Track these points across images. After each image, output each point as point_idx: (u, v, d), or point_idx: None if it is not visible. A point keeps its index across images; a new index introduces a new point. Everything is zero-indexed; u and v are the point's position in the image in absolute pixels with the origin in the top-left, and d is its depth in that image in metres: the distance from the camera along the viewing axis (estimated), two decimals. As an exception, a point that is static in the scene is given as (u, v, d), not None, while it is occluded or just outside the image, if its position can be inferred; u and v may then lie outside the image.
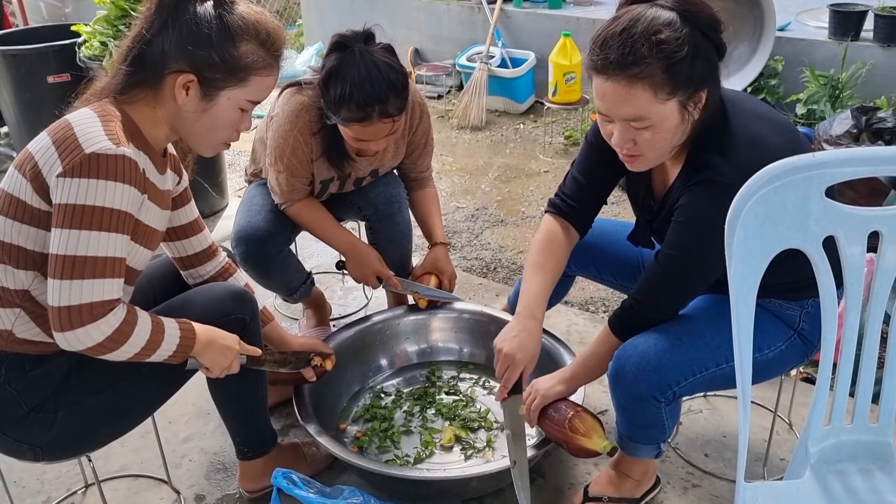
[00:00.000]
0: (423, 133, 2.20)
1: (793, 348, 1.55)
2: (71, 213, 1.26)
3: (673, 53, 1.29)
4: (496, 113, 4.94)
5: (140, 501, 1.85)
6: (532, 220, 3.51)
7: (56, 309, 1.27)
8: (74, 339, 1.28)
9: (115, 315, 1.31)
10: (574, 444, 1.63)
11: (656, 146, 1.39)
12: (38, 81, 3.21)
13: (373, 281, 2.17)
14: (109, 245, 1.29)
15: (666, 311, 1.56)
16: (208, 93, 1.40)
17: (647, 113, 1.34)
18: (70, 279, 1.26)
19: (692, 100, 1.35)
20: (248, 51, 1.40)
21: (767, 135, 1.41)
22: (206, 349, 1.48)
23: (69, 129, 1.31)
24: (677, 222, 1.45)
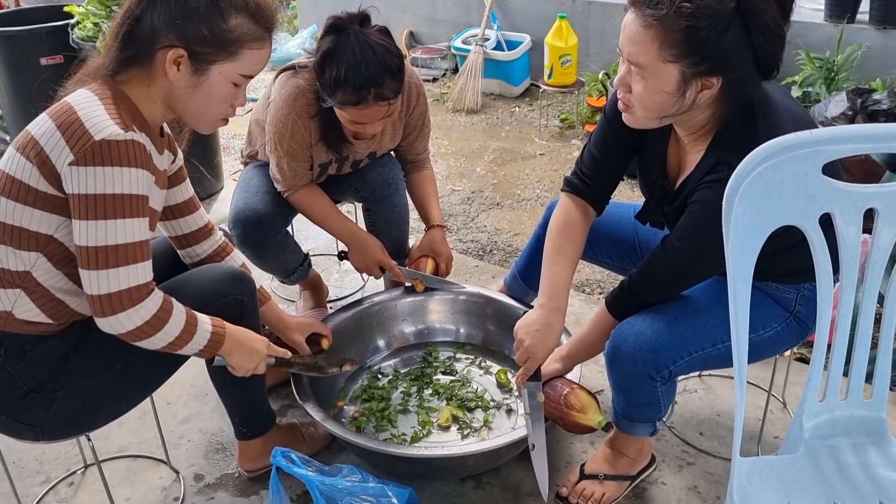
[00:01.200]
0: (419, 115, 2.19)
1: (788, 330, 1.56)
2: (93, 203, 1.28)
3: (700, 19, 1.25)
4: (491, 96, 4.93)
5: (139, 481, 1.86)
6: (528, 203, 3.52)
7: (97, 297, 1.31)
8: (117, 323, 1.33)
9: (153, 300, 1.35)
10: (569, 420, 1.65)
11: (645, 104, 1.38)
12: (31, 63, 3.18)
13: (375, 271, 2.17)
14: (134, 230, 1.33)
15: (664, 296, 1.58)
16: (199, 67, 1.39)
17: (647, 62, 1.32)
18: (105, 269, 1.30)
19: (698, 78, 1.32)
20: (238, 24, 1.39)
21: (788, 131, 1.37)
22: (234, 349, 1.52)
23: (72, 112, 1.30)
24: (691, 217, 1.45)
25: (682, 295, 1.59)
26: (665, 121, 1.43)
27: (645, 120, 1.44)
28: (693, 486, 1.80)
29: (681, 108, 1.37)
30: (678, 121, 1.44)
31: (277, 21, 1.47)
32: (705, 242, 1.41)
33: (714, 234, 1.35)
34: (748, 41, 1.28)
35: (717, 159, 1.40)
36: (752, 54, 1.30)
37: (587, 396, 1.66)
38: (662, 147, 1.57)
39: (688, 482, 1.82)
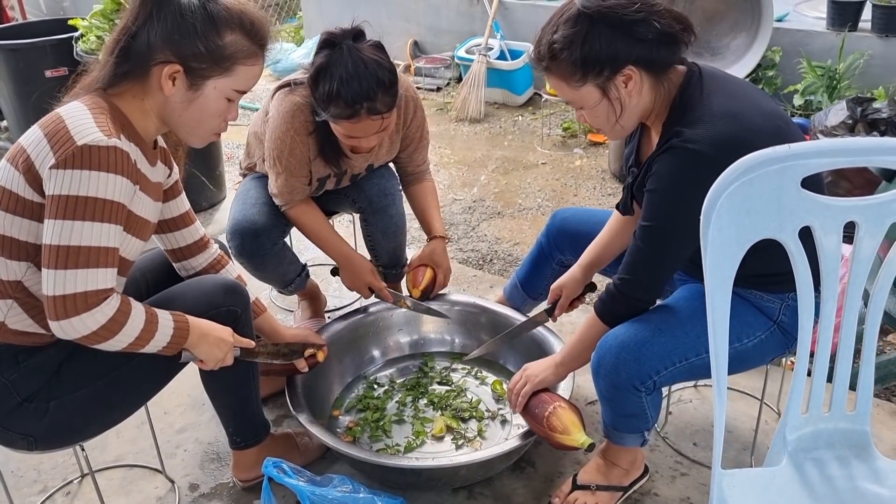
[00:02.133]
0: (417, 127, 2.21)
1: (772, 339, 1.56)
2: (64, 203, 1.28)
3: (567, 46, 1.45)
4: (495, 105, 4.95)
5: (135, 491, 1.88)
6: (529, 212, 3.53)
7: (51, 298, 1.29)
8: (70, 328, 1.30)
9: (110, 304, 1.33)
10: (553, 441, 1.66)
11: (599, 122, 1.54)
12: (36, 75, 3.23)
13: (365, 292, 2.19)
14: (102, 235, 1.31)
15: (648, 288, 1.57)
16: (194, 83, 1.41)
17: (572, 97, 1.52)
18: (64, 269, 1.29)
19: (612, 81, 1.46)
20: (233, 40, 1.42)
21: (747, 113, 1.43)
22: (200, 341, 1.50)
23: (60, 121, 1.33)
24: (647, 191, 1.49)
25: (668, 305, 1.60)
26: (628, 120, 1.53)
27: (613, 132, 1.57)
28: (686, 498, 1.80)
29: (625, 106, 1.49)
30: (636, 113, 1.53)
31: (271, 37, 1.50)
32: (667, 213, 1.46)
33: (674, 201, 1.44)
34: (620, 30, 1.42)
35: (669, 133, 1.47)
36: (632, 36, 1.43)
37: (570, 415, 1.66)
38: (634, 139, 1.68)
39: (681, 493, 1.81)
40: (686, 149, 1.41)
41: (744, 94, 1.50)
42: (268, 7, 6.66)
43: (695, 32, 1.48)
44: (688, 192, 1.41)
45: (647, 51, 1.44)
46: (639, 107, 1.52)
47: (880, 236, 1.13)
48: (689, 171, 1.41)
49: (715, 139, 1.39)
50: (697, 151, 1.39)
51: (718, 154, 1.37)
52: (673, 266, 1.56)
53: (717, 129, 1.40)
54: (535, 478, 1.87)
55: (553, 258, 2.08)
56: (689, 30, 1.47)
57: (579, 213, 2.04)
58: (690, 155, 1.40)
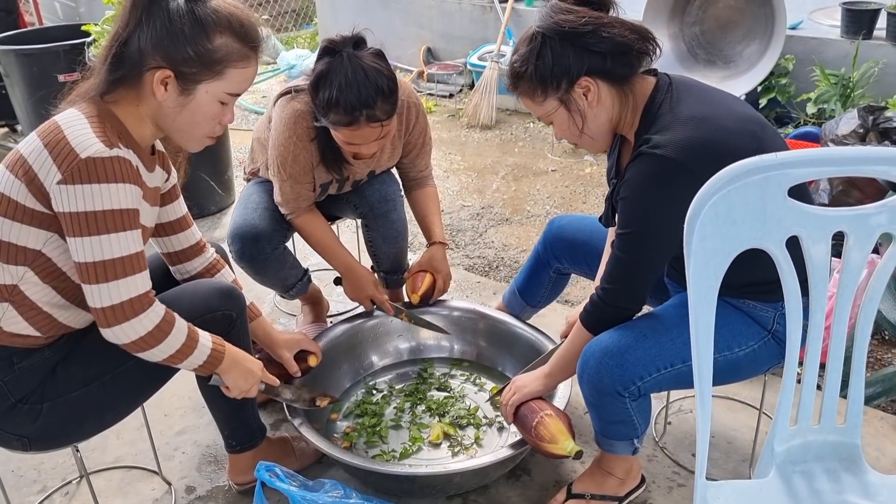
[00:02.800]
0: (419, 133, 2.21)
1: (766, 349, 1.55)
2: (84, 220, 1.32)
3: (523, 64, 1.52)
4: (506, 112, 4.94)
5: (132, 492, 1.89)
6: (537, 219, 3.52)
7: (100, 310, 1.36)
8: (122, 334, 1.38)
9: (155, 310, 1.40)
10: (542, 450, 1.66)
11: (567, 134, 1.59)
12: (49, 80, 3.27)
13: (366, 304, 2.20)
14: (128, 243, 1.37)
15: (631, 296, 1.56)
16: (186, 87, 1.42)
17: (539, 113, 1.58)
18: (105, 282, 1.35)
19: (571, 93, 1.51)
20: (223, 43, 1.42)
21: (716, 117, 1.44)
22: (231, 369, 1.56)
23: (59, 131, 1.34)
24: (620, 199, 1.50)
25: (654, 312, 1.59)
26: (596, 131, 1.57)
27: (585, 143, 1.60)
28: (682, 509, 1.79)
29: (590, 117, 1.54)
30: (602, 123, 1.56)
31: (262, 39, 1.50)
32: (639, 219, 1.47)
33: (645, 207, 1.45)
34: (570, 43, 1.47)
35: (639, 141, 1.49)
36: (583, 48, 1.47)
37: (557, 423, 1.65)
38: (614, 153, 1.70)
39: (677, 504, 1.80)
40: (654, 154, 1.42)
41: (714, 100, 1.51)
42: (284, 14, 6.71)
43: (657, 43, 1.51)
44: (657, 197, 1.43)
45: (600, 62, 1.48)
46: (603, 117, 1.54)
47: (870, 246, 1.11)
48: (656, 176, 1.42)
49: (682, 143, 1.40)
50: (664, 156, 1.40)
51: (685, 158, 1.39)
52: (652, 271, 1.54)
53: (684, 133, 1.41)
54: (531, 486, 1.86)
55: (550, 266, 2.07)
56: (647, 40, 1.50)
57: (575, 221, 2.04)
58: (657, 160, 1.41)
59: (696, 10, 4.25)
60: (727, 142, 1.39)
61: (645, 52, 1.51)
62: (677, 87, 1.52)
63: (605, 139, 1.61)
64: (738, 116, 1.46)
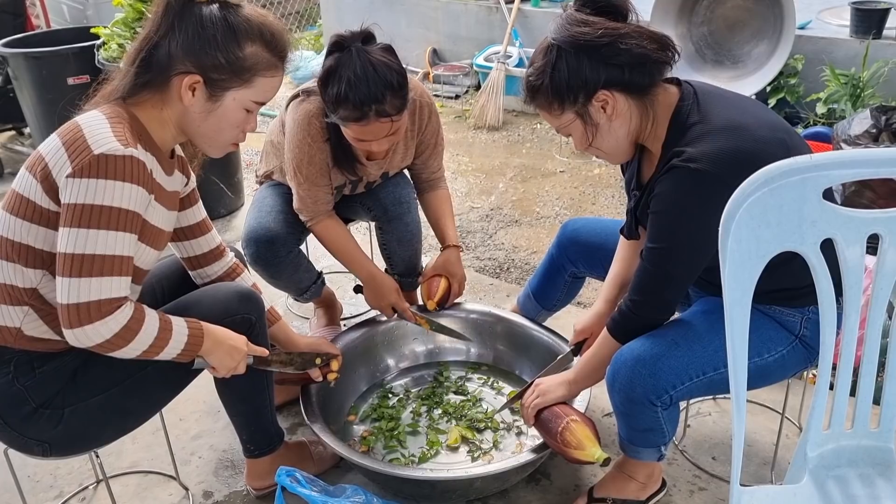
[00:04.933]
0: (432, 133, 2.20)
1: (794, 354, 1.53)
2: (80, 212, 1.29)
3: (539, 77, 1.50)
4: (513, 113, 4.93)
5: (149, 497, 1.88)
6: (546, 221, 3.50)
7: (65, 307, 1.29)
8: (84, 336, 1.30)
9: (123, 312, 1.33)
10: (567, 456, 1.64)
11: (585, 146, 1.56)
12: (58, 83, 3.26)
13: (388, 311, 2.18)
14: (117, 244, 1.32)
15: (660, 309, 1.55)
16: (214, 94, 1.42)
17: (556, 126, 1.56)
18: (79, 277, 1.29)
19: (586, 105, 1.48)
20: (253, 52, 1.42)
21: (750, 125, 1.42)
22: (214, 349, 1.50)
23: (78, 130, 1.34)
24: (652, 213, 1.48)
25: (684, 319, 1.57)
26: (616, 144, 1.54)
27: (604, 154, 1.58)
28: (704, 513, 1.77)
29: (609, 130, 1.51)
30: (623, 136, 1.53)
31: (291, 49, 1.49)
32: (673, 234, 1.45)
33: (679, 222, 1.43)
34: (587, 56, 1.44)
35: (669, 153, 1.45)
36: (600, 61, 1.44)
37: (583, 429, 1.63)
38: (634, 162, 1.66)
39: (699, 508, 1.79)
40: (688, 168, 1.39)
41: (743, 107, 1.48)
42: (288, 15, 6.70)
43: (676, 51, 1.48)
44: (692, 212, 1.40)
45: (618, 74, 1.45)
46: (622, 129, 1.52)
47: (905, 249, 1.10)
48: (692, 190, 1.39)
49: (717, 155, 1.37)
50: (700, 171, 1.37)
51: (721, 171, 1.36)
52: (683, 285, 1.53)
53: (719, 144, 1.38)
54: (551, 490, 1.85)
55: (565, 270, 2.06)
56: (667, 48, 1.47)
57: (590, 224, 2.02)
58: (692, 174, 1.38)
59: (704, 10, 4.23)
60: (761, 152, 1.36)
61: (664, 62, 1.48)
62: (703, 95, 1.50)
63: (624, 151, 1.58)
64: (767, 124, 1.44)
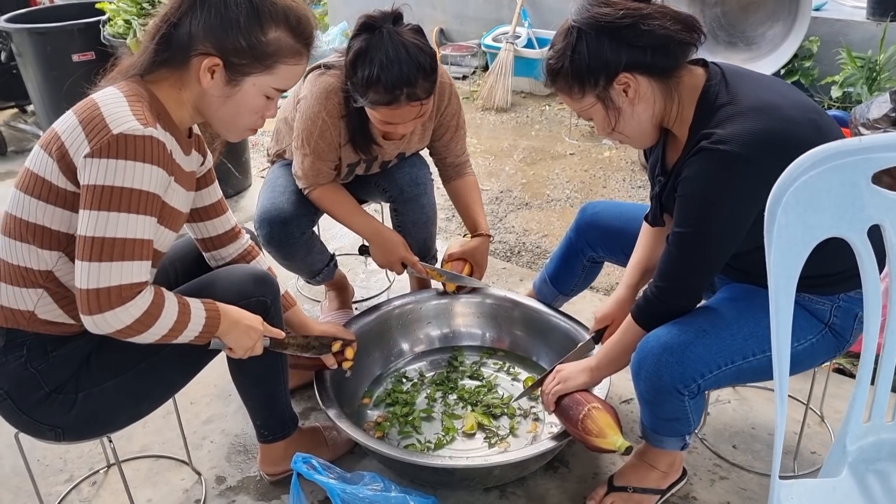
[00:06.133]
0: (452, 114, 2.15)
1: (824, 342, 1.50)
2: (99, 194, 1.24)
3: (559, 59, 1.46)
4: (522, 94, 4.87)
5: (161, 482, 1.85)
6: (557, 204, 3.46)
7: (84, 291, 1.25)
8: (103, 322, 1.27)
9: (143, 297, 1.30)
10: (589, 445, 1.61)
11: (607, 130, 1.52)
12: (63, 59, 3.20)
13: (397, 267, 2.13)
14: (138, 227, 1.28)
15: (687, 295, 1.52)
16: (233, 78, 1.37)
17: (577, 110, 1.53)
18: (99, 261, 1.25)
19: (608, 88, 1.44)
20: (277, 37, 1.37)
21: (780, 104, 1.38)
22: (231, 329, 1.46)
23: (95, 108, 1.29)
24: (679, 197, 1.44)
25: (711, 306, 1.53)
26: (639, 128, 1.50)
27: (630, 140, 1.55)
28: (725, 502, 1.74)
29: (631, 114, 1.47)
30: (646, 120, 1.49)
31: (316, 36, 1.44)
32: (701, 218, 1.41)
33: (708, 206, 1.39)
34: (608, 38, 1.40)
35: (697, 135, 1.41)
36: (622, 42, 1.40)
37: (605, 417, 1.60)
38: (658, 147, 1.61)
39: (720, 497, 1.75)
40: (718, 150, 1.34)
41: (773, 87, 1.44)
42: (292, -7, 6.60)
43: (702, 32, 1.43)
44: (722, 195, 1.36)
45: (640, 56, 1.41)
46: (645, 113, 1.48)
47: (955, 236, 1.06)
48: (721, 173, 1.35)
49: (748, 137, 1.33)
50: (729, 152, 1.33)
51: (752, 153, 1.31)
52: (711, 271, 1.49)
53: (749, 125, 1.34)
54: (569, 478, 1.82)
55: (584, 254, 2.01)
56: (693, 30, 1.42)
57: (610, 207, 1.98)
58: (722, 156, 1.34)
59: (717, -9, 4.17)
60: (793, 132, 1.33)
61: (689, 43, 1.43)
62: (731, 76, 1.45)
63: (648, 135, 1.54)
64: (798, 104, 1.40)
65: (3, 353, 1.38)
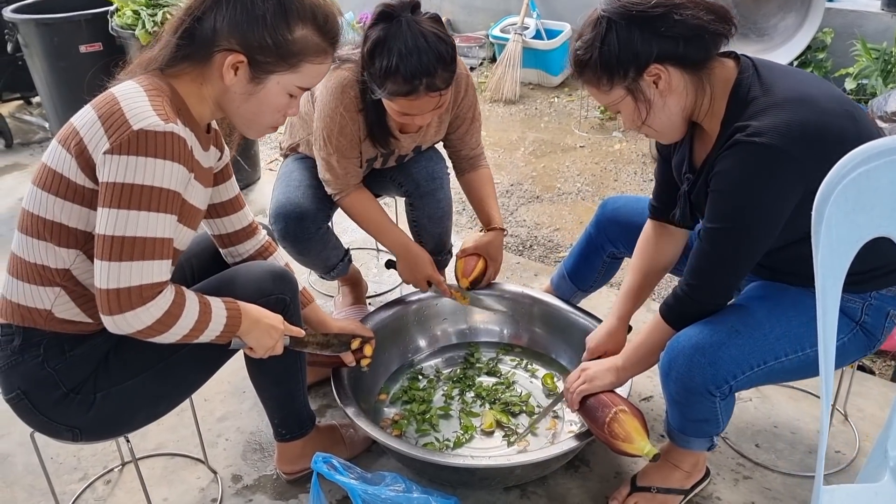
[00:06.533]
0: (468, 107, 2.11)
1: (855, 341, 1.47)
2: (119, 192, 1.21)
3: (588, 50, 1.41)
4: (530, 86, 4.83)
5: (177, 481, 1.83)
6: (568, 197, 3.43)
7: (105, 292, 1.22)
8: (124, 323, 1.24)
9: (165, 297, 1.27)
10: (615, 449, 1.58)
11: (635, 124, 1.48)
12: (70, 51, 3.16)
13: (423, 285, 2.11)
14: (158, 225, 1.25)
15: (718, 294, 1.48)
16: (257, 76, 1.33)
17: (604, 103, 1.48)
18: (119, 261, 1.22)
19: (637, 80, 1.40)
20: (303, 35, 1.33)
21: (816, 96, 1.34)
22: (252, 329, 1.44)
23: (115, 103, 1.25)
24: (713, 192, 1.40)
25: (743, 304, 1.50)
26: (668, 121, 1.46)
27: (660, 134, 1.50)
28: (750, 503, 1.72)
29: (662, 107, 1.43)
30: (677, 113, 1.45)
31: (341, 34, 1.41)
32: (736, 214, 1.37)
33: (743, 201, 1.35)
34: (638, 28, 1.36)
35: (730, 128, 1.37)
36: (653, 33, 1.36)
37: (633, 421, 1.57)
38: (686, 145, 1.57)
39: (744, 498, 1.73)
40: (753, 143, 1.31)
41: (806, 80, 1.40)
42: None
43: (734, 22, 1.39)
44: (758, 190, 1.32)
45: (672, 47, 1.37)
46: (675, 106, 1.44)
47: None
48: (757, 166, 1.31)
49: (784, 128, 1.29)
50: (765, 145, 1.29)
51: (789, 144, 1.28)
52: (744, 269, 1.45)
53: (786, 116, 1.30)
54: (591, 477, 1.80)
55: (604, 250, 1.98)
56: (725, 20, 1.38)
57: (631, 202, 1.94)
58: (758, 149, 1.30)
59: (729, -19, 4.12)
60: (830, 124, 1.30)
61: (722, 34, 1.39)
62: (763, 69, 1.41)
63: (677, 129, 1.50)
64: (833, 96, 1.37)
65: (19, 353, 1.36)
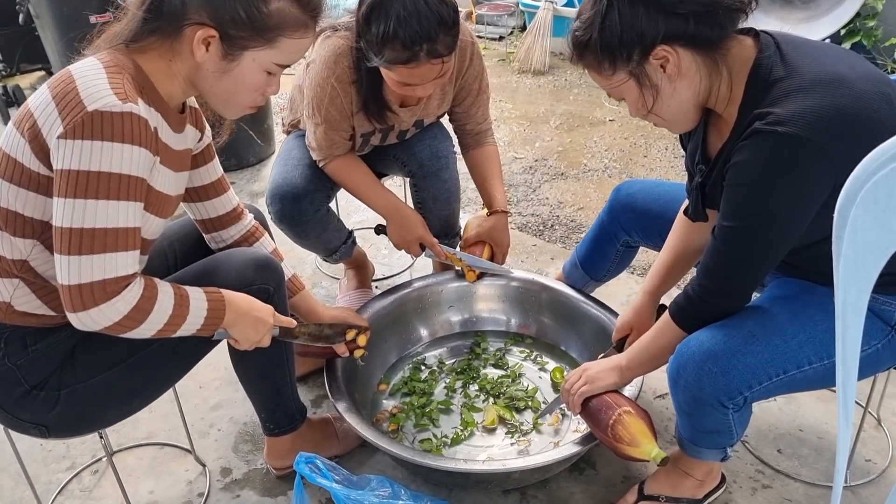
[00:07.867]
0: (474, 77, 1.98)
1: (890, 347, 1.32)
2: (75, 180, 1.12)
3: (587, 30, 1.27)
4: (560, 56, 4.64)
5: (164, 472, 1.76)
6: (594, 174, 3.27)
7: (66, 288, 1.14)
8: (89, 320, 1.16)
9: (132, 291, 1.18)
10: (619, 453, 1.46)
11: (642, 111, 1.34)
12: (80, 21, 3.08)
13: (415, 248, 1.99)
14: (121, 214, 1.15)
15: (734, 296, 1.33)
16: (230, 52, 1.23)
17: (607, 89, 1.34)
18: (79, 255, 1.13)
19: (643, 64, 1.25)
20: (280, 8, 1.22)
21: (848, 77, 1.17)
22: (238, 320, 1.35)
23: (70, 81, 1.15)
24: (729, 186, 1.24)
25: (762, 306, 1.35)
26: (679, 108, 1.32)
27: (669, 122, 1.36)
28: (768, 514, 1.59)
29: (671, 93, 1.29)
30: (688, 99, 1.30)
31: (324, 6, 1.29)
32: (755, 211, 1.21)
33: (763, 197, 1.19)
34: (643, 4, 1.22)
35: (748, 116, 1.21)
36: (660, 10, 1.21)
37: (638, 423, 1.45)
38: (699, 134, 1.42)
39: (762, 508, 1.61)
40: (775, 133, 1.15)
41: (837, 57, 1.23)
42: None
43: None
44: (780, 185, 1.17)
45: (681, 25, 1.22)
46: (686, 91, 1.29)
47: None
48: (780, 159, 1.15)
49: (812, 116, 1.13)
50: (790, 135, 1.13)
51: (818, 135, 1.12)
52: (762, 270, 1.30)
53: (813, 102, 1.14)
54: (596, 481, 1.68)
55: (617, 239, 1.85)
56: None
57: (647, 188, 1.79)
58: (780, 140, 1.14)
59: (773, -56, 3.88)
60: (864, 110, 1.13)
61: (738, 9, 1.23)
62: (786, 46, 1.24)
63: (689, 117, 1.34)
64: (867, 76, 1.20)
65: (-20, 347, 1.28)
